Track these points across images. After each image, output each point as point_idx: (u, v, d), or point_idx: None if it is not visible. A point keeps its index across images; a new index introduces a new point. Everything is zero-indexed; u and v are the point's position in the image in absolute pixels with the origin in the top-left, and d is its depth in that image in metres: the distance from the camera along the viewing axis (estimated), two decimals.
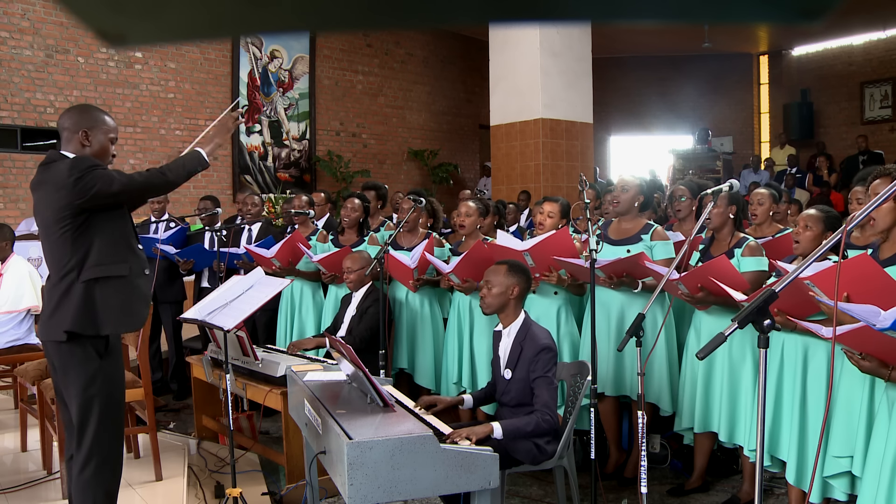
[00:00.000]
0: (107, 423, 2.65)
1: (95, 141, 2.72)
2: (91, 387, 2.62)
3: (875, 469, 2.32)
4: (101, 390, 2.64)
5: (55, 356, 2.67)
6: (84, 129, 2.69)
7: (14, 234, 4.85)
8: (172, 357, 5.67)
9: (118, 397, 2.74)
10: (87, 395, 2.62)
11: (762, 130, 14.07)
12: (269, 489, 3.74)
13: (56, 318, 2.61)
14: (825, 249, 1.84)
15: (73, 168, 2.56)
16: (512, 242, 3.88)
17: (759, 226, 3.93)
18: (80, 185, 2.54)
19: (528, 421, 2.82)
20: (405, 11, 0.43)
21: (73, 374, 2.63)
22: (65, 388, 2.69)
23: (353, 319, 4.20)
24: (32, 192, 2.74)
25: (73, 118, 2.72)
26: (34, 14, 8.04)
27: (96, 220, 2.63)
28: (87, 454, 2.62)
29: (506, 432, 2.76)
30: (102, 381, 2.64)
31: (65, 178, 2.55)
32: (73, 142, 2.70)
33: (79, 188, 2.54)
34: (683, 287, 3.28)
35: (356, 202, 4.87)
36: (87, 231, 2.61)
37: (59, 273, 2.64)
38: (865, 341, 2.25)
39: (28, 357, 4.41)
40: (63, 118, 2.74)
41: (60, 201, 2.57)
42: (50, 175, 2.63)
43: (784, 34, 12.47)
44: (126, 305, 2.68)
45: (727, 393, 3.33)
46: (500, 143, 8.83)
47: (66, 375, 2.65)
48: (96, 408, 2.62)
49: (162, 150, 9.05)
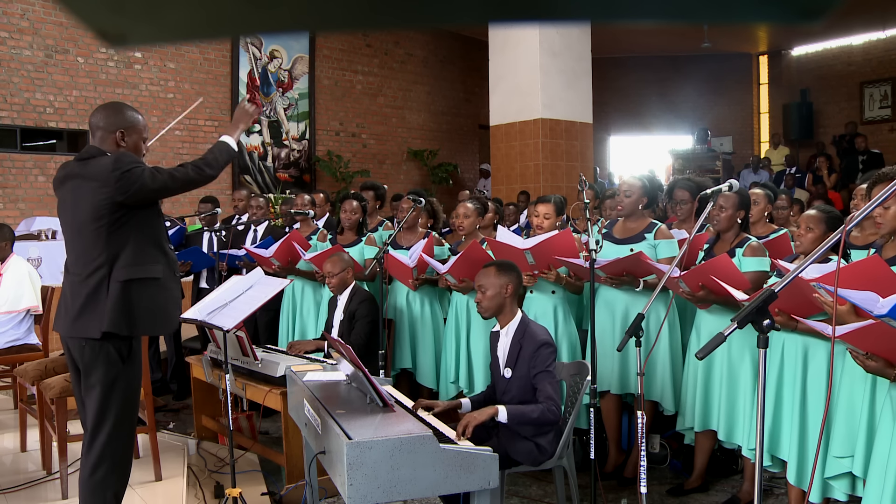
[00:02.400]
0: (121, 426, 2.63)
1: (130, 141, 2.73)
2: (112, 391, 2.60)
3: (880, 471, 2.32)
4: (121, 394, 2.62)
5: (79, 356, 2.65)
6: (121, 129, 2.70)
7: (14, 234, 4.85)
8: (172, 357, 5.67)
9: (135, 401, 2.73)
10: (106, 399, 2.60)
11: (762, 130, 14.07)
12: (269, 489, 3.74)
13: (88, 316, 2.58)
14: (825, 249, 1.84)
15: (117, 164, 2.56)
16: (512, 239, 3.87)
17: (754, 226, 3.93)
18: (123, 180, 2.54)
19: (535, 408, 2.82)
20: (405, 11, 0.43)
21: (96, 374, 2.61)
22: (85, 390, 2.66)
23: (342, 324, 4.19)
24: (61, 185, 2.72)
25: (109, 118, 2.71)
26: (34, 14, 8.04)
27: (132, 219, 2.62)
28: (98, 456, 2.61)
29: (510, 416, 2.77)
30: (123, 385, 2.63)
31: (108, 173, 2.55)
32: (109, 141, 2.69)
33: (122, 184, 2.54)
34: (685, 285, 3.28)
35: (354, 204, 4.87)
36: (123, 229, 2.60)
37: (85, 269, 2.61)
38: (871, 340, 2.24)
39: (28, 357, 4.41)
40: (97, 117, 2.72)
41: (100, 196, 2.56)
42: (89, 170, 2.61)
43: (784, 34, 12.48)
44: (161, 308, 2.69)
45: (726, 392, 3.33)
46: (499, 143, 8.83)
47: (89, 377, 2.63)
48: (113, 411, 2.61)
49: (161, 149, 9.05)
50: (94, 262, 2.60)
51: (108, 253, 2.59)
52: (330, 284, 4.23)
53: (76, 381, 2.75)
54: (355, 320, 4.12)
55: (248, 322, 4.17)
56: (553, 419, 2.86)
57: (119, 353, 2.63)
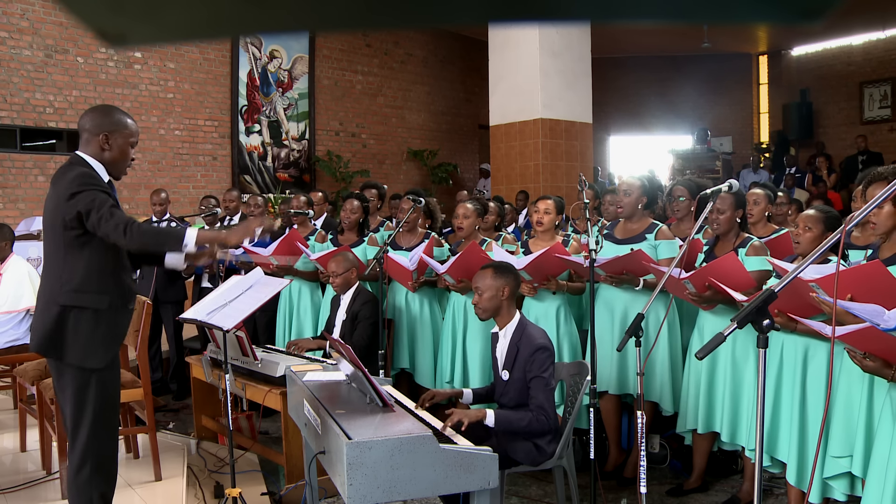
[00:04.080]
0: (99, 426, 2.60)
1: (115, 145, 2.64)
2: (84, 392, 2.57)
3: (879, 472, 2.32)
4: (95, 395, 2.59)
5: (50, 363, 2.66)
6: (105, 132, 2.62)
7: (14, 234, 4.84)
8: (173, 357, 5.67)
9: (112, 402, 2.69)
10: (79, 401, 2.57)
11: (761, 130, 14.07)
12: (269, 489, 3.74)
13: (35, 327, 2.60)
14: (824, 249, 1.84)
15: (73, 182, 2.49)
16: (506, 258, 3.88)
17: (754, 226, 3.93)
18: (70, 203, 2.47)
19: (522, 416, 2.84)
20: (405, 11, 0.43)
21: (65, 377, 2.59)
22: (59, 392, 2.66)
23: (344, 324, 4.19)
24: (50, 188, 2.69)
25: (95, 120, 2.64)
26: (33, 14, 8.03)
27: (90, 242, 2.53)
28: (80, 458, 2.59)
29: (498, 421, 2.78)
30: (96, 388, 2.59)
31: (66, 188, 2.49)
32: (93, 144, 2.62)
33: (70, 204, 2.47)
34: (691, 286, 3.28)
35: (355, 203, 4.86)
36: (79, 250, 2.53)
37: (47, 280, 2.60)
38: (869, 341, 2.24)
39: (27, 357, 4.41)
40: (84, 119, 2.66)
41: (59, 211, 2.52)
42: (60, 181, 2.56)
43: (784, 34, 12.48)
44: (94, 340, 2.56)
45: (729, 393, 3.33)
46: (499, 143, 8.83)
47: (60, 379, 2.62)
48: (89, 412, 2.58)
49: (161, 149, 9.05)
50: (50, 276, 2.58)
51: (61, 271, 2.55)
52: (334, 284, 4.23)
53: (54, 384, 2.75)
54: (358, 321, 4.12)
55: (248, 322, 4.17)
56: (541, 429, 2.86)
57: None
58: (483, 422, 2.76)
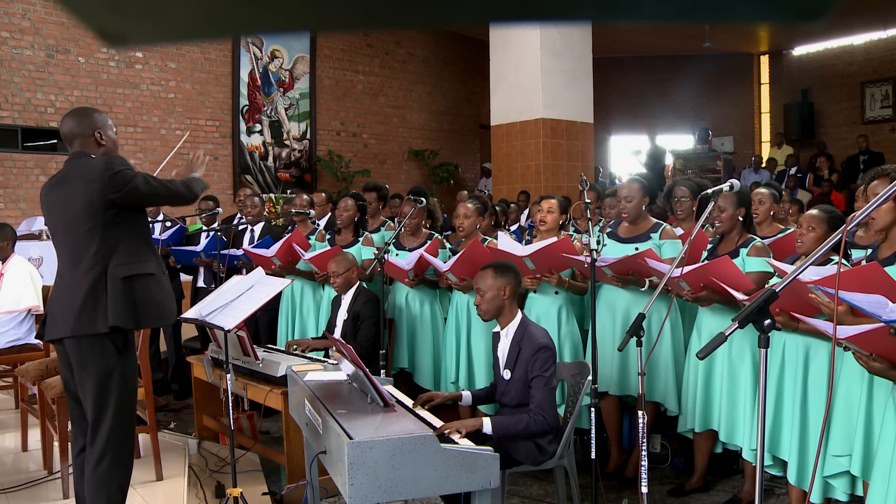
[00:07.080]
0: (121, 418, 2.70)
1: (108, 137, 2.85)
2: (108, 382, 2.66)
3: (883, 472, 2.31)
4: (117, 386, 2.68)
5: (73, 351, 2.69)
6: (96, 129, 2.81)
7: (15, 233, 4.85)
8: (172, 357, 5.67)
9: (132, 393, 2.79)
10: (103, 391, 2.65)
11: (763, 130, 14.06)
12: (270, 489, 3.74)
13: (91, 312, 2.63)
14: (826, 249, 1.84)
15: (111, 165, 2.66)
16: (512, 247, 3.88)
17: (760, 225, 3.93)
18: (116, 179, 2.63)
19: (519, 420, 2.82)
20: (406, 11, 0.43)
21: (91, 369, 2.66)
22: (80, 384, 2.71)
23: (345, 323, 4.19)
24: (51, 191, 2.78)
25: (83, 122, 2.80)
26: (35, 14, 8.04)
27: (124, 219, 2.71)
28: (102, 450, 2.66)
29: (495, 429, 2.77)
30: (119, 377, 2.69)
31: (101, 172, 2.64)
32: (90, 143, 2.81)
33: (116, 182, 2.63)
34: (685, 284, 3.28)
35: (349, 202, 4.88)
36: (116, 228, 2.69)
37: (80, 267, 2.66)
38: (876, 342, 2.23)
39: (29, 357, 4.41)
40: (69, 125, 2.80)
41: (93, 195, 2.64)
42: (81, 170, 2.70)
43: (785, 34, 12.47)
44: (160, 302, 2.78)
45: (727, 393, 3.33)
46: (500, 143, 8.83)
47: (84, 370, 2.67)
48: (112, 403, 2.67)
49: (162, 149, 9.04)
50: (89, 260, 2.66)
51: (104, 251, 2.66)
52: (335, 284, 4.23)
53: (70, 379, 2.79)
54: (360, 321, 4.12)
55: (249, 322, 4.17)
56: (540, 429, 2.85)
57: (115, 345, 2.69)
58: (480, 431, 2.74)
